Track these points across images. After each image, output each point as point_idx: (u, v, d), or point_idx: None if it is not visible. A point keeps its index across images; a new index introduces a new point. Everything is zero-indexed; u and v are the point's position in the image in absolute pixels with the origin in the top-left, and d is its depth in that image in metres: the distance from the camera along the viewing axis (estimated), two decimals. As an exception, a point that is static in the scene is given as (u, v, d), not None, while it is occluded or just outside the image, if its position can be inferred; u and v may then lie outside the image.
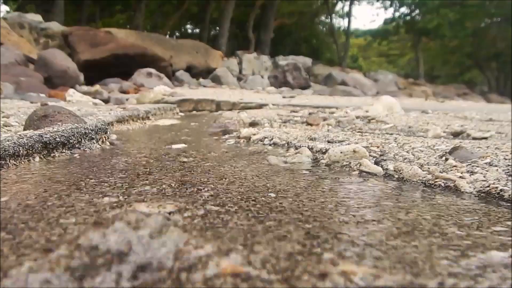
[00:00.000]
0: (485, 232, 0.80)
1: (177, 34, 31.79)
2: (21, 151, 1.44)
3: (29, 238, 0.68)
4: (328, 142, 2.08)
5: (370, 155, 1.61)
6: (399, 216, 0.90)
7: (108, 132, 2.13)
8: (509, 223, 0.88)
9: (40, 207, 0.89)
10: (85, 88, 7.94)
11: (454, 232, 0.79)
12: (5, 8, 24.73)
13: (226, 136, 2.56)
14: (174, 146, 2.06)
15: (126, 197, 1.01)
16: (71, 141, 1.74)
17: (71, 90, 6.15)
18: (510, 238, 0.77)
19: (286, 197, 1.05)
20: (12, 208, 0.87)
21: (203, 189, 1.12)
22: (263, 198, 1.03)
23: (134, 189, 1.09)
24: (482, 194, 1.15)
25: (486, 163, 1.41)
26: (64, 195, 1.01)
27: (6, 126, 2.30)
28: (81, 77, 8.93)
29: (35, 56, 9.90)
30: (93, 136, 1.93)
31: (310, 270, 0.58)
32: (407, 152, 1.68)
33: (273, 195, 1.08)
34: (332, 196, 1.09)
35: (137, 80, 10.73)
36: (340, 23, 41.87)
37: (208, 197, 1.03)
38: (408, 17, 33.16)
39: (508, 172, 1.28)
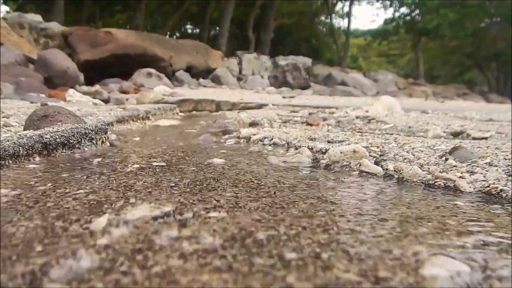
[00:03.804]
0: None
1: (177, 34, 31.81)
2: (21, 151, 1.44)
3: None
4: (328, 142, 2.07)
5: (370, 155, 1.61)
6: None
7: (108, 132, 2.13)
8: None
9: None
10: (85, 88, 7.92)
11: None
12: (5, 8, 24.77)
13: (226, 136, 2.56)
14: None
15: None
16: (71, 141, 1.74)
17: (71, 90, 6.14)
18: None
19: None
20: None
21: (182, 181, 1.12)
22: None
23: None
24: (482, 194, 1.15)
25: (486, 163, 1.41)
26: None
27: (6, 126, 2.30)
28: (81, 77, 8.91)
29: (35, 56, 9.89)
30: (93, 136, 1.93)
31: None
32: (407, 152, 1.68)
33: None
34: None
35: (137, 80, 10.71)
36: (340, 23, 41.88)
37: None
38: (408, 17, 33.14)
39: (508, 172, 1.28)
